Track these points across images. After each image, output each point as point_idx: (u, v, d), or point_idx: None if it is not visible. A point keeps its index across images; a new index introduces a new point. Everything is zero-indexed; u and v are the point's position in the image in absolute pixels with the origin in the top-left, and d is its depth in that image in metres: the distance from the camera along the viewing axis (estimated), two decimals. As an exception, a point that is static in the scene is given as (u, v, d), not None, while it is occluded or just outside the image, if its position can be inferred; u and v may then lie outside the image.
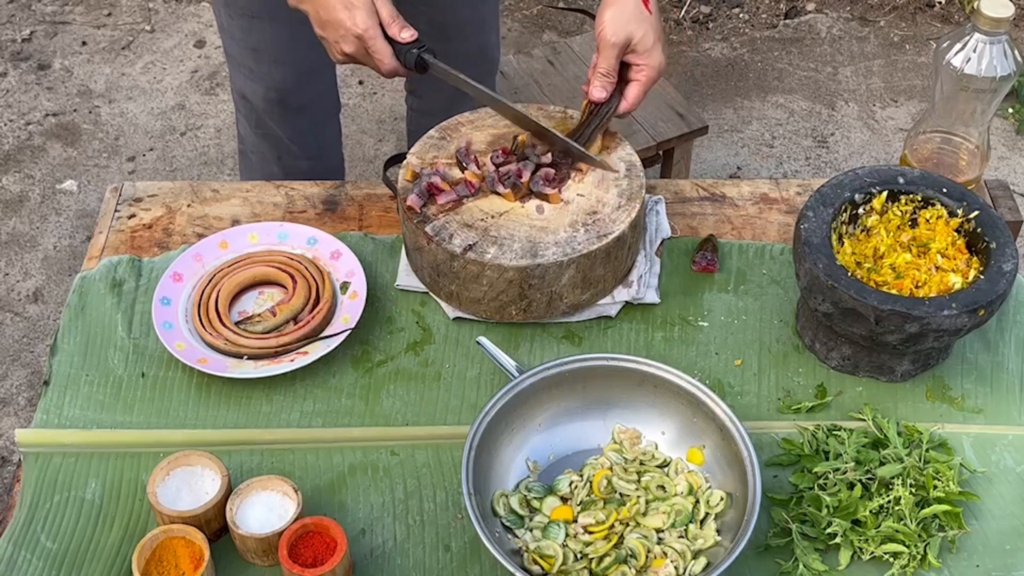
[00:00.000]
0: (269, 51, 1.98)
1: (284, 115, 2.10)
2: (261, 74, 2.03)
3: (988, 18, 1.46)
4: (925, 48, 3.58)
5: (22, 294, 2.80)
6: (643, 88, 1.50)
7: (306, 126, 2.15)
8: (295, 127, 2.14)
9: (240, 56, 2.02)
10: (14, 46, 3.51)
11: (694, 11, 3.69)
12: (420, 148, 1.53)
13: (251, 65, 2.02)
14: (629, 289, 1.50)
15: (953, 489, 1.27)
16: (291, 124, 2.13)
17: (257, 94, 2.07)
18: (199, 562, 1.19)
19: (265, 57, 2.00)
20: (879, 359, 1.40)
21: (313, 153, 2.19)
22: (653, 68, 1.49)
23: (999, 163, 3.17)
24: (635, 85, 1.49)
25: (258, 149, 2.20)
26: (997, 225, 1.39)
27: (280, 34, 1.95)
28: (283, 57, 1.99)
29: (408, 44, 1.46)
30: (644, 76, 1.49)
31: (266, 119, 2.12)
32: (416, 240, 1.44)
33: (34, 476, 1.32)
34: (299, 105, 2.09)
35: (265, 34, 1.95)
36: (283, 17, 1.90)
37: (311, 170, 2.18)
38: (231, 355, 1.42)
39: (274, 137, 2.15)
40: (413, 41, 1.47)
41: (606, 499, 1.28)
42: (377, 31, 1.45)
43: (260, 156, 2.21)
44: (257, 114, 2.11)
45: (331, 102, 2.20)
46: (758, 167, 3.16)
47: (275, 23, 1.93)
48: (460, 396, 1.41)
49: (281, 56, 1.99)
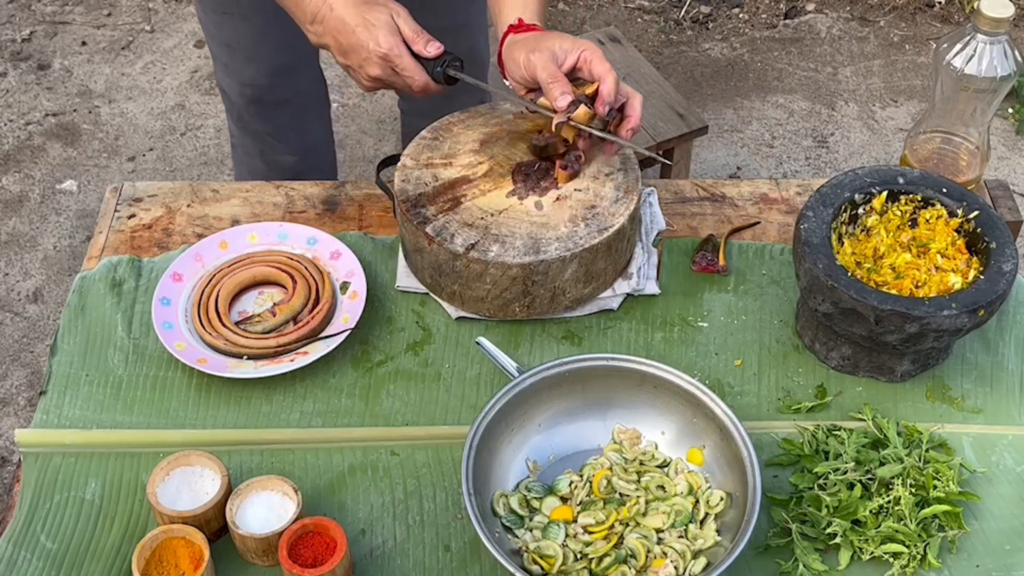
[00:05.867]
0: (242, 47, 1.96)
1: (261, 111, 2.08)
2: (235, 70, 2.01)
3: (988, 18, 1.46)
4: (925, 48, 3.58)
5: (22, 294, 2.80)
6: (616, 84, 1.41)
7: (287, 122, 2.13)
8: (274, 123, 2.12)
9: (216, 51, 2.02)
10: (14, 46, 3.51)
11: (694, 11, 3.69)
12: (413, 149, 1.53)
13: (226, 60, 2.01)
14: (629, 281, 1.50)
15: (953, 489, 1.27)
16: (269, 120, 2.10)
17: (233, 89, 2.06)
18: (199, 562, 1.19)
19: (239, 53, 1.98)
20: (879, 359, 1.41)
21: (298, 149, 2.16)
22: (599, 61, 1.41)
23: (999, 163, 3.17)
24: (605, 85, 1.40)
25: (242, 143, 2.20)
26: (997, 225, 1.39)
27: (253, 31, 1.93)
28: (256, 54, 1.97)
29: (436, 59, 1.44)
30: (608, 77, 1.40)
31: (244, 114, 2.10)
32: (417, 241, 1.44)
33: (34, 476, 1.32)
34: (275, 102, 2.07)
35: (238, 30, 1.93)
36: (255, 13, 1.89)
37: (297, 165, 2.16)
38: (231, 355, 1.42)
39: (254, 132, 2.13)
40: (440, 55, 1.45)
41: (606, 499, 1.28)
42: (402, 48, 1.42)
43: (244, 150, 2.21)
44: (237, 109, 2.10)
45: (314, 100, 2.17)
46: (758, 167, 3.16)
47: (247, 20, 1.91)
48: (460, 396, 1.41)
49: (254, 53, 1.97)
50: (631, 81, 2.76)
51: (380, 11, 1.43)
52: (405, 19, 1.44)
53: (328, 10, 1.44)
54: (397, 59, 1.42)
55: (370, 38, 1.41)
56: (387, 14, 1.43)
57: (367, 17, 1.42)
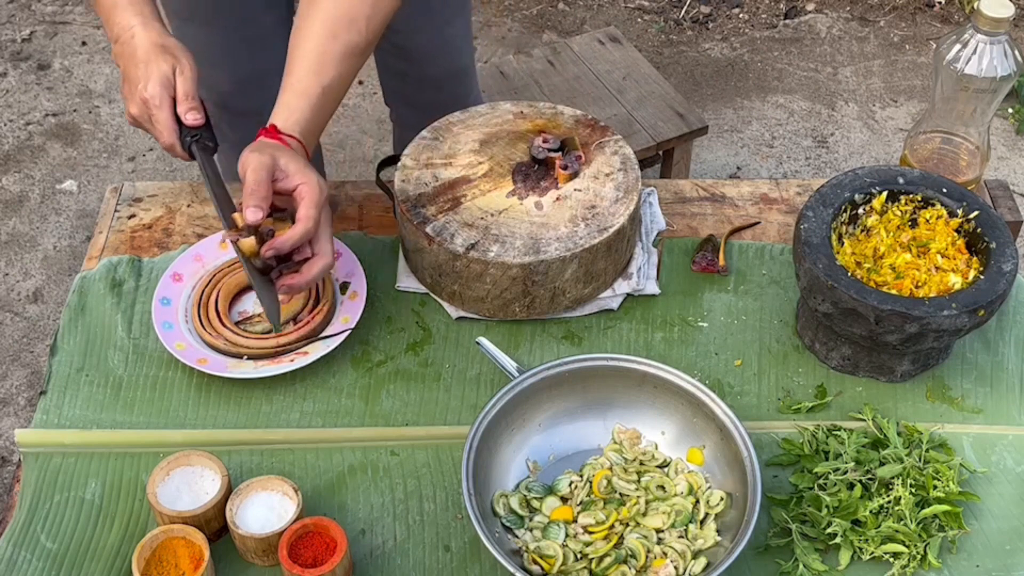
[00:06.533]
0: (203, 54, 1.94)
1: (231, 119, 2.06)
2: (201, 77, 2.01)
3: (988, 18, 1.46)
4: (925, 48, 3.58)
5: (22, 294, 2.80)
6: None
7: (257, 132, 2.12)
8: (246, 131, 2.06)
9: None
10: (14, 46, 3.51)
11: (694, 11, 3.70)
12: (413, 149, 1.53)
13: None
14: (629, 281, 1.50)
15: (953, 489, 1.27)
16: (241, 128, 2.06)
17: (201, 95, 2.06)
18: (199, 562, 1.19)
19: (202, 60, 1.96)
20: (879, 359, 1.41)
21: None
22: (308, 206, 1.32)
23: (999, 163, 3.17)
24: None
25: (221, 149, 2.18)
26: (997, 225, 1.39)
27: (212, 39, 1.92)
28: (220, 61, 1.96)
29: (191, 128, 1.46)
30: (300, 226, 1.31)
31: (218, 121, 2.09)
32: (416, 241, 1.44)
33: (34, 476, 1.32)
34: (242, 111, 2.03)
35: (198, 38, 1.91)
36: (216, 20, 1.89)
37: None
38: (231, 355, 1.42)
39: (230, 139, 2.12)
40: (197, 127, 1.47)
41: (606, 499, 1.28)
42: (165, 103, 1.44)
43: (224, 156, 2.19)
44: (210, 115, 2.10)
45: None
46: (758, 167, 3.16)
47: (207, 27, 1.90)
48: (460, 396, 1.41)
49: (218, 60, 1.95)
50: (631, 81, 2.76)
51: (165, 61, 1.46)
52: (186, 79, 1.47)
53: (129, 37, 1.47)
54: (155, 110, 1.44)
55: (142, 78, 1.44)
56: (170, 66, 1.46)
57: (152, 60, 1.45)
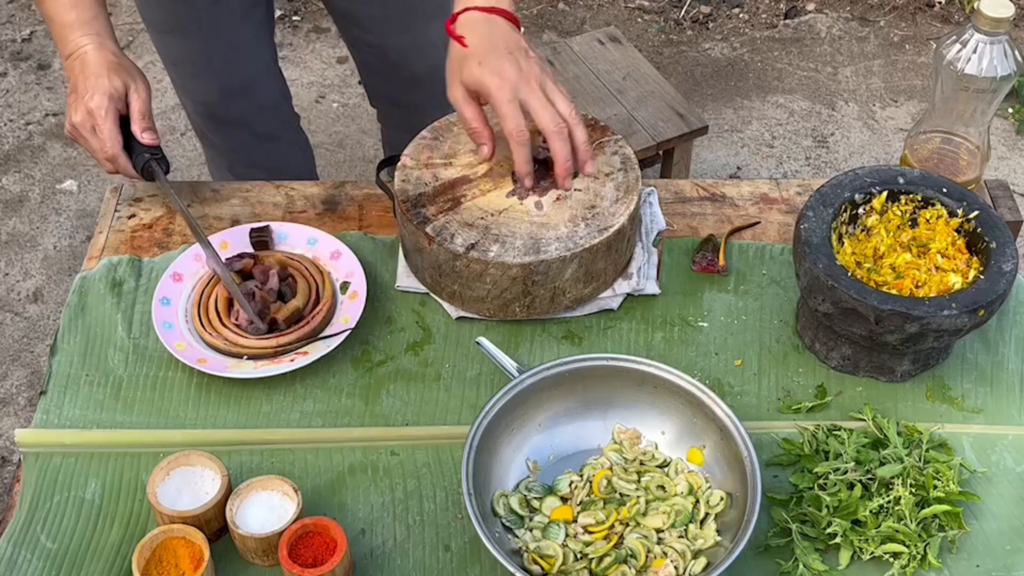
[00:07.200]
0: (186, 65, 1.95)
1: (218, 128, 2.06)
2: (184, 87, 2.01)
3: (988, 18, 1.46)
4: (925, 48, 3.58)
5: (22, 294, 2.80)
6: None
7: (248, 141, 2.09)
8: (234, 140, 2.09)
9: (167, 68, 2.01)
10: (14, 46, 3.51)
11: (694, 11, 3.70)
12: (413, 149, 1.53)
13: (174, 77, 2.01)
14: (629, 281, 1.50)
15: (953, 489, 1.27)
16: (229, 137, 2.08)
17: (188, 106, 2.06)
18: (199, 562, 1.19)
19: (185, 71, 1.97)
20: (879, 359, 1.41)
21: (267, 165, 2.10)
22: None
23: (999, 163, 3.17)
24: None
25: (212, 157, 2.17)
26: (997, 225, 1.39)
27: (193, 50, 1.92)
28: (204, 71, 1.96)
29: (147, 147, 1.48)
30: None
31: (205, 130, 2.08)
32: (417, 241, 1.44)
33: (34, 476, 1.32)
34: (231, 120, 2.04)
35: (180, 49, 1.93)
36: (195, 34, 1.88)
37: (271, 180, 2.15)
38: (231, 355, 1.42)
39: (218, 148, 2.11)
40: (153, 146, 1.49)
41: (606, 499, 1.28)
42: (111, 114, 1.45)
43: (215, 164, 2.18)
44: (196, 125, 2.08)
45: (274, 121, 2.11)
46: (758, 167, 3.16)
47: (188, 38, 1.90)
48: (460, 396, 1.41)
49: (202, 70, 1.96)
50: (631, 81, 2.76)
51: (119, 77, 1.47)
52: (141, 99, 1.48)
53: (83, 52, 1.48)
54: (100, 119, 1.45)
55: (90, 88, 1.45)
56: (122, 83, 1.47)
57: (104, 75, 1.46)
